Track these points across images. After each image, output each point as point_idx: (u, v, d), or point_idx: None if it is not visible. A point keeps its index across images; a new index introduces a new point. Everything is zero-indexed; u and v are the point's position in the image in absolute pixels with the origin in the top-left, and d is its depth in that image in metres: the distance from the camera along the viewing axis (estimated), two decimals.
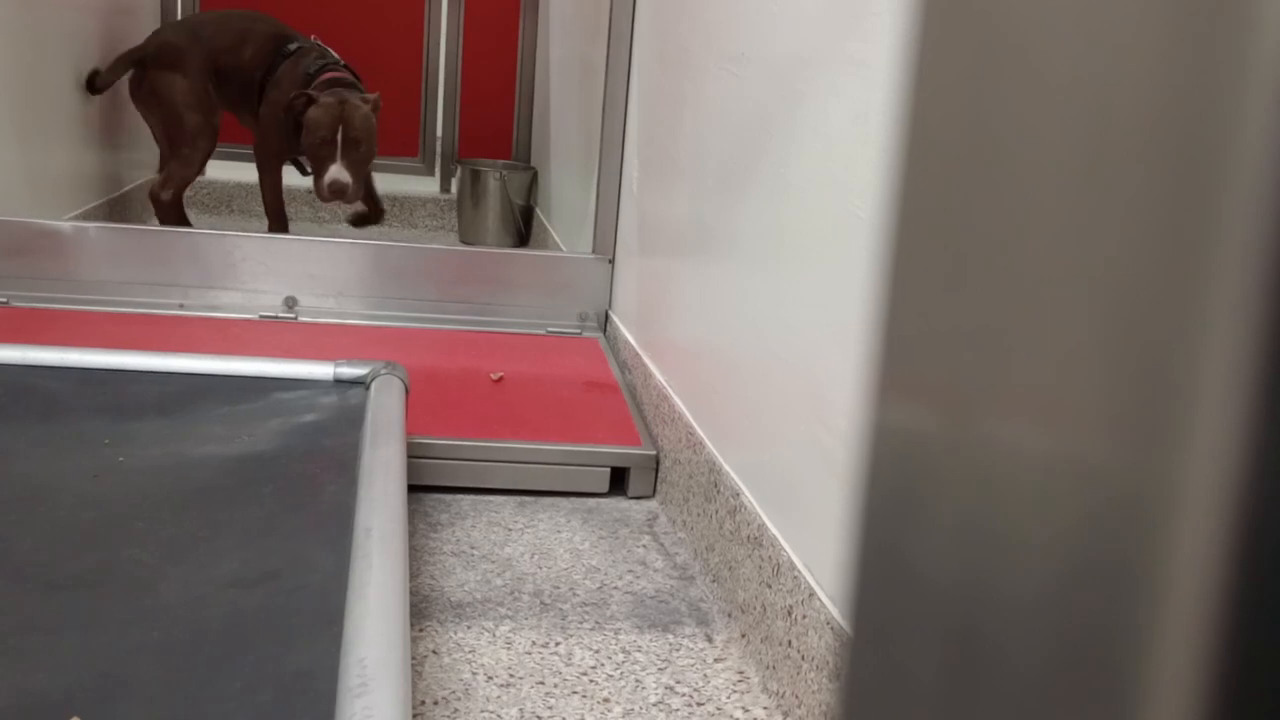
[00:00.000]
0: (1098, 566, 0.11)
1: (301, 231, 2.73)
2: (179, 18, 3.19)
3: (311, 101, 2.50)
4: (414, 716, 0.98)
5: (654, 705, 1.04)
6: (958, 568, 0.14)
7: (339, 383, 1.46)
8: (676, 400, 1.52)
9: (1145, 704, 0.10)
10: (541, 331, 2.00)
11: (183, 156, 2.60)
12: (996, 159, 0.14)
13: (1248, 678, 0.10)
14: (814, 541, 1.02)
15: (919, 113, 0.16)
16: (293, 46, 2.67)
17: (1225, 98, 0.10)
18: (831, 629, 0.96)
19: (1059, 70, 0.13)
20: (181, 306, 1.95)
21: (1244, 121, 0.10)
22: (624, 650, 1.14)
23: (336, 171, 2.45)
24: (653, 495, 1.54)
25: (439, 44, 3.58)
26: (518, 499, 1.49)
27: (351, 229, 2.78)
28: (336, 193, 2.46)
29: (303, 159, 2.68)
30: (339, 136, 2.47)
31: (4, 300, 1.89)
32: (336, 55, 2.70)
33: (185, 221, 2.60)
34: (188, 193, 2.79)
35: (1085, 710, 0.11)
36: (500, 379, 1.74)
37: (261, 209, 2.71)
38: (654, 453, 1.54)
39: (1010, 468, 0.13)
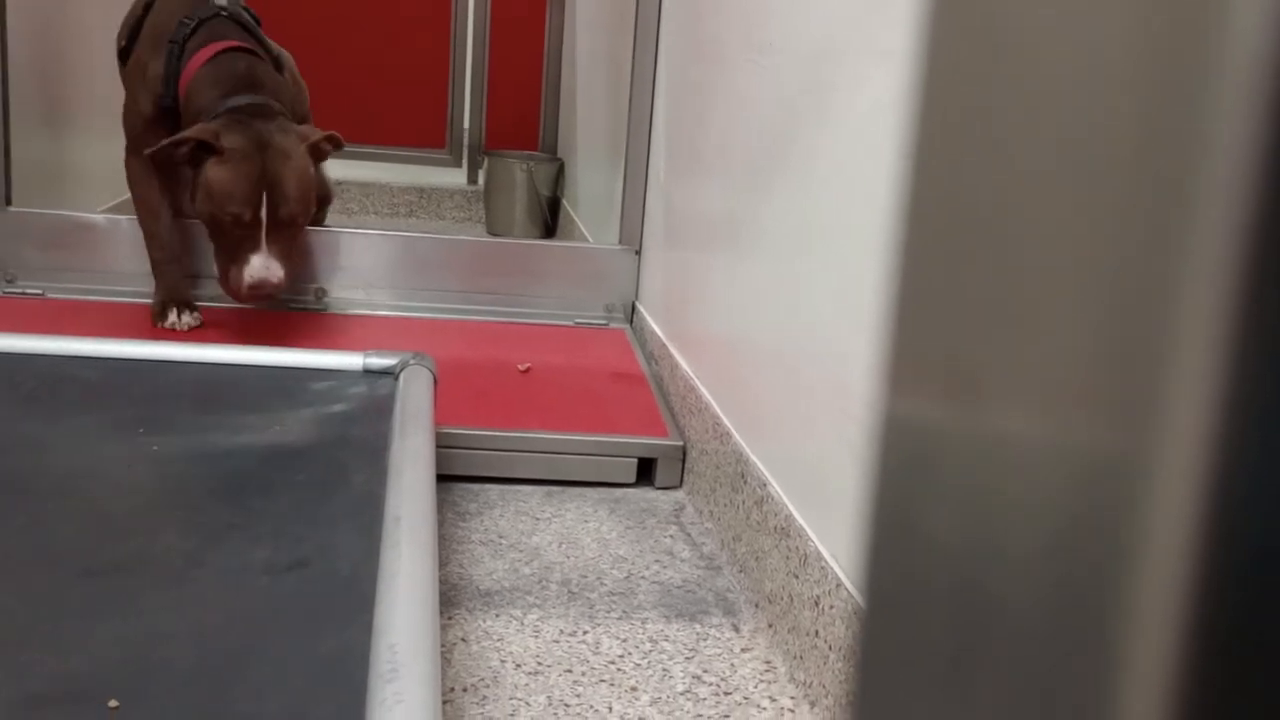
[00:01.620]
0: (1086, 529, 0.13)
1: (331, 223, 2.73)
2: None
3: (210, 151, 1.56)
4: (443, 703, 0.99)
5: (681, 694, 1.05)
6: (963, 534, 0.15)
7: (368, 373, 1.47)
8: (703, 391, 1.52)
9: (1129, 646, 0.12)
10: (568, 322, 2.00)
11: None
12: (998, 154, 0.15)
13: (1215, 621, 0.12)
14: (841, 531, 1.02)
15: (929, 107, 0.17)
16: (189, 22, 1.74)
17: (1203, 97, 0.12)
18: (859, 619, 0.96)
19: (1055, 66, 0.14)
20: (213, 298, 1.97)
21: (1218, 121, 0.11)
22: (651, 639, 1.14)
23: (262, 266, 1.59)
24: (680, 486, 1.55)
25: (466, 36, 3.59)
26: (545, 489, 1.50)
27: (380, 220, 2.75)
28: (262, 296, 1.64)
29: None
30: (263, 213, 1.59)
31: (39, 292, 1.91)
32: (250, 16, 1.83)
33: None
34: None
35: (1077, 654, 0.13)
36: (527, 370, 1.75)
37: None
38: (681, 443, 1.54)
39: (1010, 443, 0.15)
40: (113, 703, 0.75)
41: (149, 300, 1.87)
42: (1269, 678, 0.12)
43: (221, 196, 1.58)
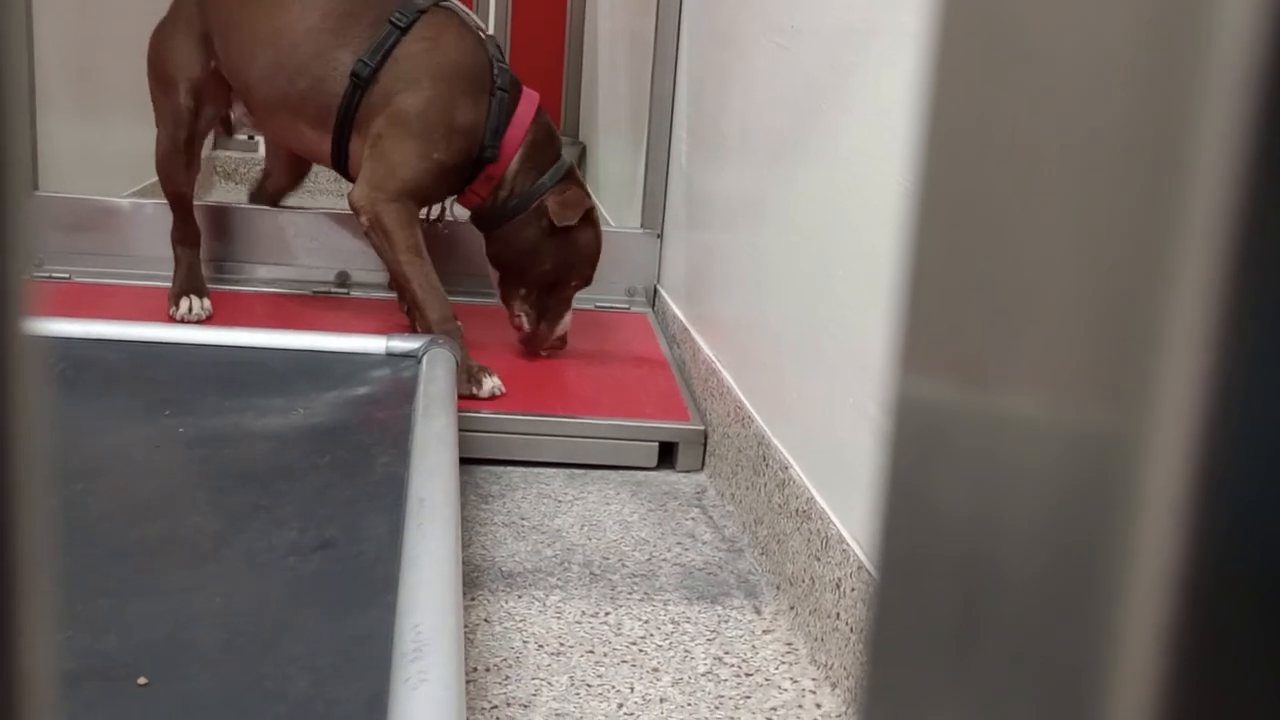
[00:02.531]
0: (1083, 504, 0.14)
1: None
2: None
3: (589, 215, 1.69)
4: (467, 682, 1.00)
5: (703, 675, 1.05)
6: (969, 510, 0.16)
7: (391, 356, 1.48)
8: (725, 374, 1.52)
9: (1123, 611, 0.13)
10: (590, 306, 2.01)
11: None
12: (1004, 145, 0.16)
13: (1203, 586, 0.13)
14: (863, 514, 1.03)
15: (940, 95, 0.17)
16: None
17: (1197, 97, 0.12)
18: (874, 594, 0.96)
19: (1060, 58, 0.15)
20: (237, 281, 1.98)
21: (1211, 120, 0.12)
22: (673, 621, 1.15)
23: (570, 320, 1.74)
24: (701, 469, 1.55)
25: (488, 20, 3.59)
26: (567, 472, 1.51)
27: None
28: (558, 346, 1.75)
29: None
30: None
31: (66, 275, 1.93)
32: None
33: None
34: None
35: (1074, 619, 0.14)
36: (549, 354, 1.76)
37: (314, 185, 2.64)
38: (702, 427, 1.55)
39: (1014, 424, 0.16)
40: (142, 680, 0.77)
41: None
42: (1254, 641, 0.13)
43: (590, 259, 1.71)
